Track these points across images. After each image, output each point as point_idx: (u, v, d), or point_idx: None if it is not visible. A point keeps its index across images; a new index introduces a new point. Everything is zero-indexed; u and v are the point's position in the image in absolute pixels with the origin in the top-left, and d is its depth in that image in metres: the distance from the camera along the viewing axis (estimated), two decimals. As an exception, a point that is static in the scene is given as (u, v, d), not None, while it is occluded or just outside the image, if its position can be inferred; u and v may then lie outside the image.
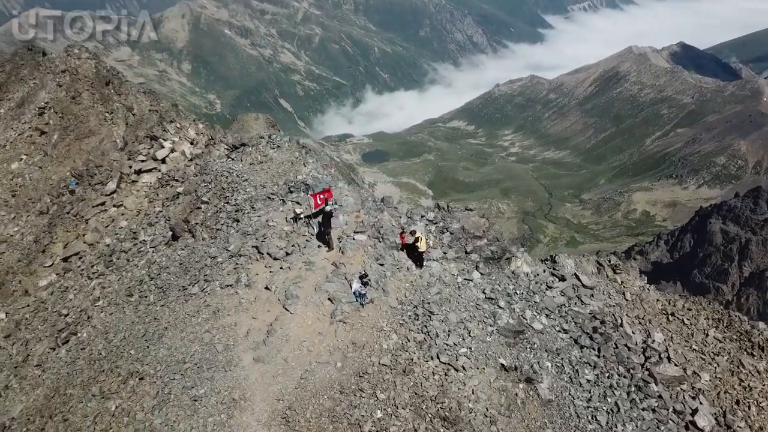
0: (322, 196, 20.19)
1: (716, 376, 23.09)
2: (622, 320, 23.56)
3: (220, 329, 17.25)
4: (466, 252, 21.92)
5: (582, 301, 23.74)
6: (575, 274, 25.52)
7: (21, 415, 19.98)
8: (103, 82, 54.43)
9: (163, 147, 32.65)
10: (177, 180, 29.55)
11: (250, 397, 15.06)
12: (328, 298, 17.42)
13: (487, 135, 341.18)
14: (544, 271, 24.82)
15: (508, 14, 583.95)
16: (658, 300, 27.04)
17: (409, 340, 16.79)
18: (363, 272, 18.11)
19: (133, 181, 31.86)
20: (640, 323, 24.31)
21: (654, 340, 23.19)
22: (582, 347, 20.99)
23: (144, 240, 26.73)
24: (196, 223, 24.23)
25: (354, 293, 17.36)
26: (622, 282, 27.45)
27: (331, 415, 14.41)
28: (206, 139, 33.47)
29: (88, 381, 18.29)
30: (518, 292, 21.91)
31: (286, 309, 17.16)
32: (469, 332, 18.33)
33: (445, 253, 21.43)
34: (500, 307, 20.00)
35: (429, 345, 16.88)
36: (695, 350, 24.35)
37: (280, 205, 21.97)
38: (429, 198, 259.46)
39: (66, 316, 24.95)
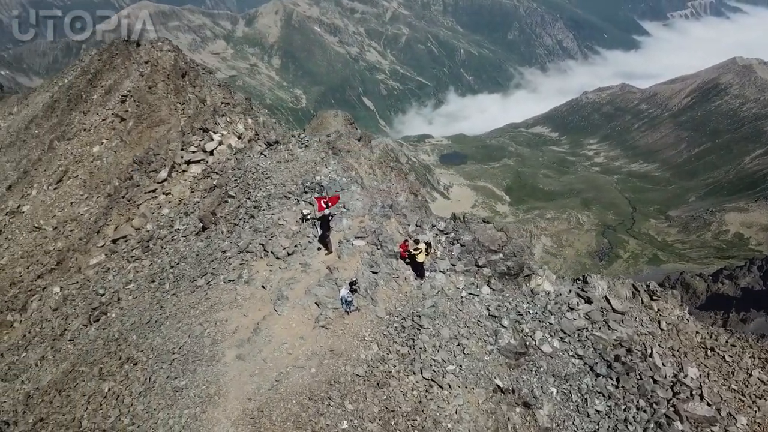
0: (326, 200, 20.16)
1: (755, 421, 21.09)
2: (652, 350, 21.99)
3: (212, 323, 17.59)
4: (478, 265, 21.15)
5: (609, 326, 22.36)
6: (606, 297, 24.09)
7: (46, 385, 21.25)
8: (179, 74, 56.80)
9: (212, 140, 33.77)
10: (216, 172, 30.50)
11: (225, 394, 15.24)
12: (316, 302, 17.33)
13: (571, 143, 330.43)
14: (570, 291, 23.59)
15: (603, 19, 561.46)
16: (697, 332, 25.08)
17: (390, 353, 16.39)
18: (353, 279, 17.87)
19: (183, 171, 33.15)
20: (673, 355, 22.61)
21: (687, 375, 21.49)
22: (597, 375, 19.75)
23: (178, 228, 27.78)
24: (221, 216, 24.93)
25: (340, 299, 17.17)
26: (658, 310, 25.66)
27: (296, 421, 14.30)
28: (252, 134, 34.32)
29: (96, 361, 19.19)
30: (531, 311, 20.91)
31: (275, 309, 17.25)
32: (463, 349, 17.68)
33: (453, 265, 20.78)
34: (503, 326, 19.17)
35: (412, 359, 16.42)
36: (734, 390, 22.38)
37: (294, 205, 22.17)
38: (506, 204, 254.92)
39: (102, 295, 26.29)
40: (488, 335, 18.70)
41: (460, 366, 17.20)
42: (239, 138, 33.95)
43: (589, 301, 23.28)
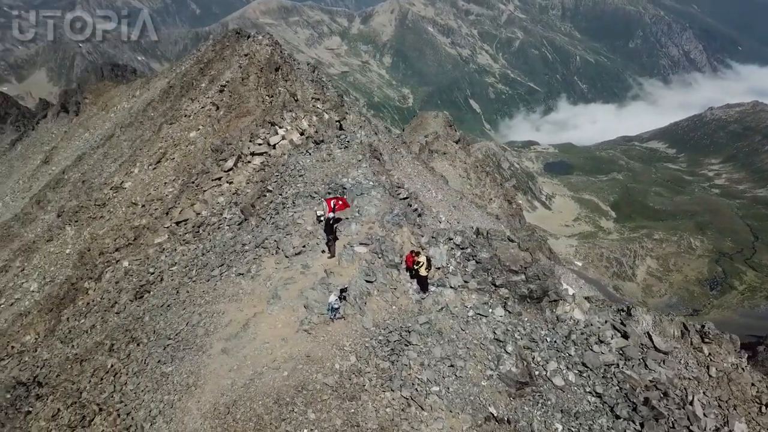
0: (335, 202, 19.99)
1: (808, 496, 18.51)
2: (693, 398, 19.91)
3: (209, 314, 18.00)
4: (495, 285, 20.06)
5: (646, 365, 20.50)
6: (648, 333, 22.09)
7: (78, 353, 22.77)
8: (272, 68, 58.81)
9: (277, 134, 34.75)
10: (269, 166, 31.34)
11: (202, 386, 15.53)
12: (304, 305, 17.19)
13: (689, 161, 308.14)
14: (605, 322, 21.85)
15: (738, 31, 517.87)
16: (753, 384, 22.38)
17: (368, 366, 15.90)
18: (344, 286, 17.56)
19: (247, 162, 34.40)
20: (719, 406, 20.34)
21: (732, 431, 19.25)
22: (616, 417, 18.11)
23: (225, 217, 28.81)
24: (257, 209, 25.52)
25: (328, 305, 16.93)
26: (709, 354, 23.17)
27: (258, 422, 14.26)
28: (313, 131, 34.85)
29: (114, 337, 20.28)
30: (549, 339, 19.56)
31: (267, 308, 17.33)
32: (455, 371, 16.82)
33: (466, 282, 19.84)
34: (506, 352, 18.04)
35: (391, 375, 15.83)
36: (788, 457, 19.77)
37: (316, 205, 22.17)
38: (610, 220, 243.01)
39: (151, 274, 27.81)
40: (489, 359, 17.73)
41: (448, 388, 16.42)
42: (301, 134, 34.68)
43: (625, 335, 21.49)
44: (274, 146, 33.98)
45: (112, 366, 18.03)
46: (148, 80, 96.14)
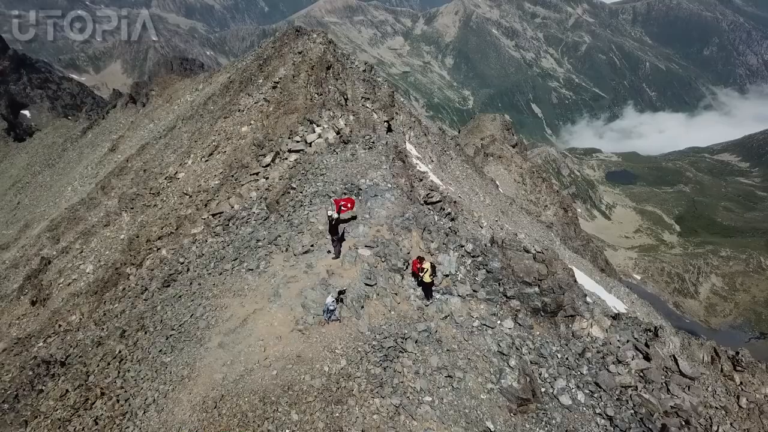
0: (344, 203, 19.84)
1: None
2: (719, 428, 18.72)
3: (213, 308, 18.22)
4: (506, 296, 19.40)
5: (668, 389, 19.42)
6: (674, 356, 20.89)
7: (100, 337, 23.51)
8: (323, 66, 59.44)
9: (314, 132, 34.99)
10: (301, 163, 31.51)
11: (195, 378, 15.72)
12: (302, 305, 17.10)
13: (764, 176, 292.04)
14: (627, 341, 20.82)
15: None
16: None
17: (359, 370, 15.65)
18: (343, 288, 17.37)
19: (284, 159, 34.80)
20: (746, 440, 19.06)
21: (758, 468, 18.02)
22: (626, 443, 17.21)
23: (253, 212, 29.18)
24: (281, 206, 25.70)
25: (324, 306, 16.79)
26: (741, 383, 21.73)
27: (242, 419, 14.31)
28: (349, 131, 34.92)
29: (129, 323, 20.84)
30: (560, 356, 18.79)
31: (267, 305, 17.37)
32: (452, 381, 16.37)
33: (475, 291, 19.28)
34: (509, 366, 17.41)
35: (382, 382, 15.53)
36: (820, 500, 18.27)
37: (328, 205, 22.08)
38: (674, 233, 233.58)
39: (181, 264, 28.53)
40: (491, 372, 17.20)
41: (442, 399, 16.02)
42: (337, 133, 34.79)
43: (647, 357, 20.45)
44: (310, 144, 34.28)
45: (119, 352, 18.60)
46: (211, 75, 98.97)
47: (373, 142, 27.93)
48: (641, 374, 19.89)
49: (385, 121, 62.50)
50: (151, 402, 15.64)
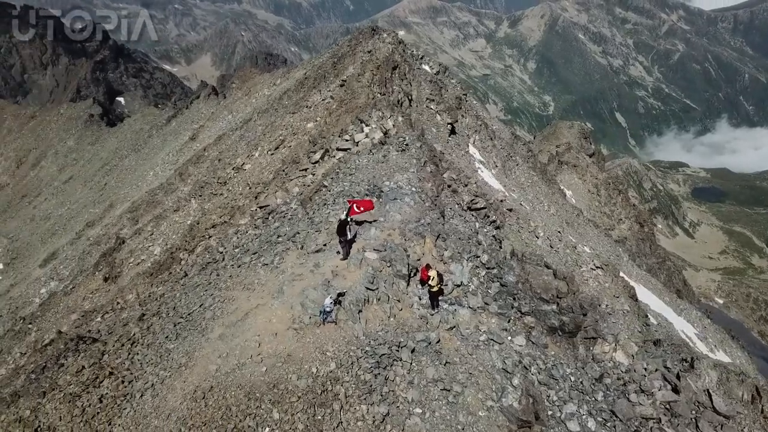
0: (358, 205, 19.58)
1: None
2: (749, 475, 17.17)
3: (221, 300, 18.50)
4: (521, 312, 18.50)
5: (698, 426, 17.99)
6: (709, 391, 19.29)
7: (132, 316, 24.36)
8: (389, 66, 59.67)
9: (362, 131, 35.03)
10: (343, 162, 31.52)
11: (192, 367, 15.98)
12: (301, 304, 17.00)
13: None
14: (655, 370, 19.40)
15: None
16: None
17: (348, 375, 15.35)
18: (343, 290, 17.12)
19: (332, 157, 35.05)
20: (781, 490, 17.34)
21: None
22: (640, 479, 16.04)
23: (291, 207, 29.45)
24: (312, 203, 25.79)
25: (321, 307, 16.63)
26: None
27: (225, 412, 14.40)
28: (395, 132, 34.63)
29: (150, 307, 21.54)
30: (573, 378, 17.74)
31: (270, 301, 17.44)
32: (449, 396, 15.77)
33: (486, 304, 18.52)
34: (512, 385, 16.59)
35: (370, 389, 15.16)
36: None
37: (344, 206, 21.91)
38: (765, 257, 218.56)
39: (220, 253, 29.24)
40: (493, 390, 16.50)
41: (434, 412, 15.50)
42: (385, 134, 34.67)
43: (676, 389, 19.04)
44: (357, 143, 34.37)
45: (134, 334, 19.31)
46: (289, 70, 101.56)
47: (407, 145, 27.61)
48: (667, 407, 18.59)
49: (448, 124, 61.90)
50: (150, 386, 16.13)
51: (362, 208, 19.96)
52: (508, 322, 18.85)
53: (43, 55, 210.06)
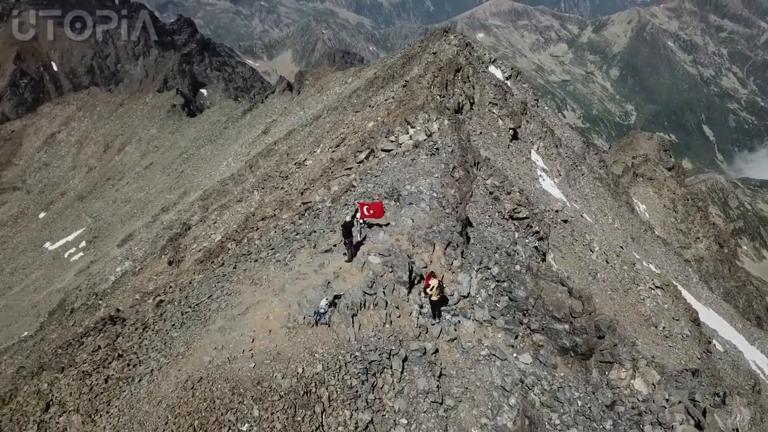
0: (368, 207, 19.24)
1: None
2: None
3: (229, 293, 18.72)
4: (530, 329, 17.54)
5: None
6: (737, 430, 17.69)
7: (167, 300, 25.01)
8: (452, 69, 59.26)
9: (407, 133, 34.72)
10: (377, 163, 31.27)
11: (188, 356, 16.23)
12: (298, 303, 16.87)
13: None
14: (678, 402, 17.93)
15: None
16: None
17: (334, 378, 15.08)
18: (340, 293, 16.83)
19: (376, 157, 34.90)
20: None
21: None
22: None
23: (326, 205, 29.48)
24: (340, 201, 25.67)
25: (315, 308, 16.45)
26: None
27: (209, 405, 14.48)
28: (440, 135, 33.98)
29: (170, 293, 22.03)
30: (580, 403, 16.66)
31: (272, 298, 17.45)
32: (439, 409, 15.18)
33: (493, 317, 17.70)
34: (508, 404, 15.76)
35: (356, 395, 14.81)
36: None
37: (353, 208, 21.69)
38: None
39: (255, 246, 29.59)
40: (489, 407, 15.80)
41: (420, 425, 14.99)
42: (429, 136, 34.15)
43: (699, 425, 17.62)
44: (400, 145, 34.14)
45: (148, 319, 19.94)
46: (361, 69, 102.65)
47: (437, 149, 27.08)
48: (686, 443, 17.30)
49: (510, 129, 60.69)
50: (149, 372, 16.58)
51: (372, 211, 19.76)
52: (516, 338, 18.09)
53: (135, 46, 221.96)
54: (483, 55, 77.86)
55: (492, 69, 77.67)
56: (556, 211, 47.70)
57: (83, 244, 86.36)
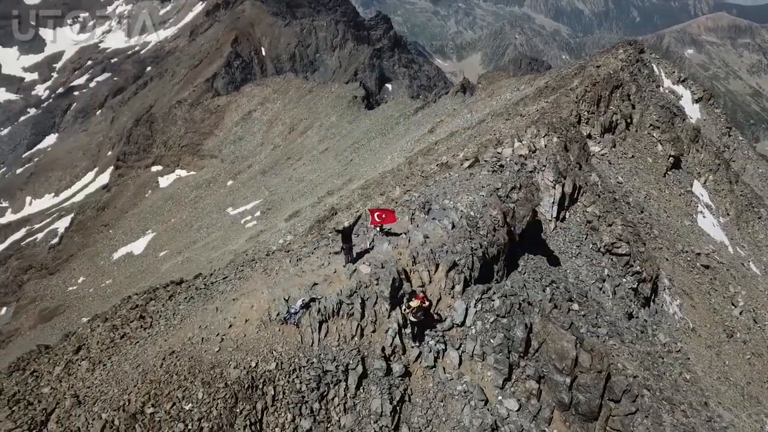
0: (379, 214, 18.06)
1: None
2: None
3: (241, 278, 19.06)
4: (525, 374, 15.13)
5: None
6: None
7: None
8: (610, 85, 55.82)
9: (512, 146, 32.73)
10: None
11: (177, 330, 16.92)
12: (285, 299, 16.43)
13: None
14: None
15: None
16: None
17: (284, 380, 14.57)
18: (317, 297, 16.05)
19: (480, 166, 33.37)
20: None
21: None
22: None
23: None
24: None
25: (289, 308, 15.90)
26: None
27: (168, 379, 14.91)
28: (545, 151, 31.33)
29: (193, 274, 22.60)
30: None
31: (265, 289, 17.34)
32: None
33: (484, 353, 15.61)
34: None
35: (302, 400, 14.13)
36: None
37: (366, 214, 20.72)
38: None
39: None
40: None
41: None
42: (532, 152, 31.71)
43: None
44: (501, 157, 32.30)
45: (173, 291, 21.13)
46: (535, 77, 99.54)
47: (501, 166, 24.96)
48: None
49: (670, 156, 55.12)
50: (148, 337, 17.67)
51: (384, 216, 18.99)
52: (505, 380, 16.23)
53: (334, 38, 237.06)
54: (671, 73, 71.19)
55: (679, 89, 71.04)
56: (698, 253, 41.86)
57: (258, 213, 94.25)
